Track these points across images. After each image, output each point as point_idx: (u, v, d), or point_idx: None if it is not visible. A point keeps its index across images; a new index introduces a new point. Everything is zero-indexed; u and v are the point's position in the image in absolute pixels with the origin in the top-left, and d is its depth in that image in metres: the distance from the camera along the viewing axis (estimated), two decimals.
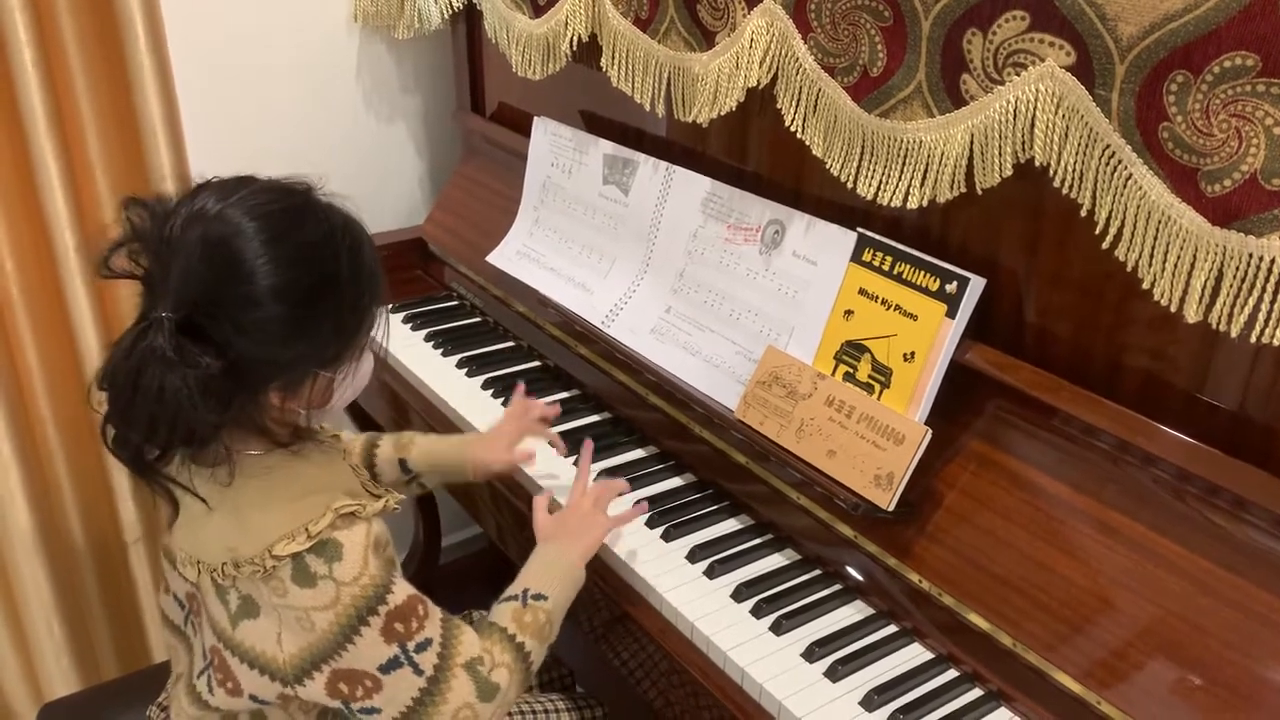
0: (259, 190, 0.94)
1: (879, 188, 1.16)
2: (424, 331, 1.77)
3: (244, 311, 0.90)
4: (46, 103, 1.51)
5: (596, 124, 1.68)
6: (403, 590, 0.99)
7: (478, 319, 1.83)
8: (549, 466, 1.41)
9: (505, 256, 1.74)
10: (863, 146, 1.17)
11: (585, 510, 1.21)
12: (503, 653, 1.04)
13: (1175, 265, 0.92)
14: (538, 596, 1.10)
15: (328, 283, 0.94)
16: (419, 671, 0.98)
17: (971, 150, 1.05)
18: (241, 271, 0.90)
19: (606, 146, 1.60)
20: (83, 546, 1.79)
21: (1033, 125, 0.99)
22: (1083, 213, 0.98)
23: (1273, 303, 0.86)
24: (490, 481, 1.43)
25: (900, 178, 1.13)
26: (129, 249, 0.93)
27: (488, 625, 1.07)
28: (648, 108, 1.44)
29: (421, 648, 0.98)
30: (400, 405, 1.67)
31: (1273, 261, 0.85)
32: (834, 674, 1.09)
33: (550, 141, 1.70)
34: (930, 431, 1.12)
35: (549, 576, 1.13)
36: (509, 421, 1.38)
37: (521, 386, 1.46)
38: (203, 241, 0.90)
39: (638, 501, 1.29)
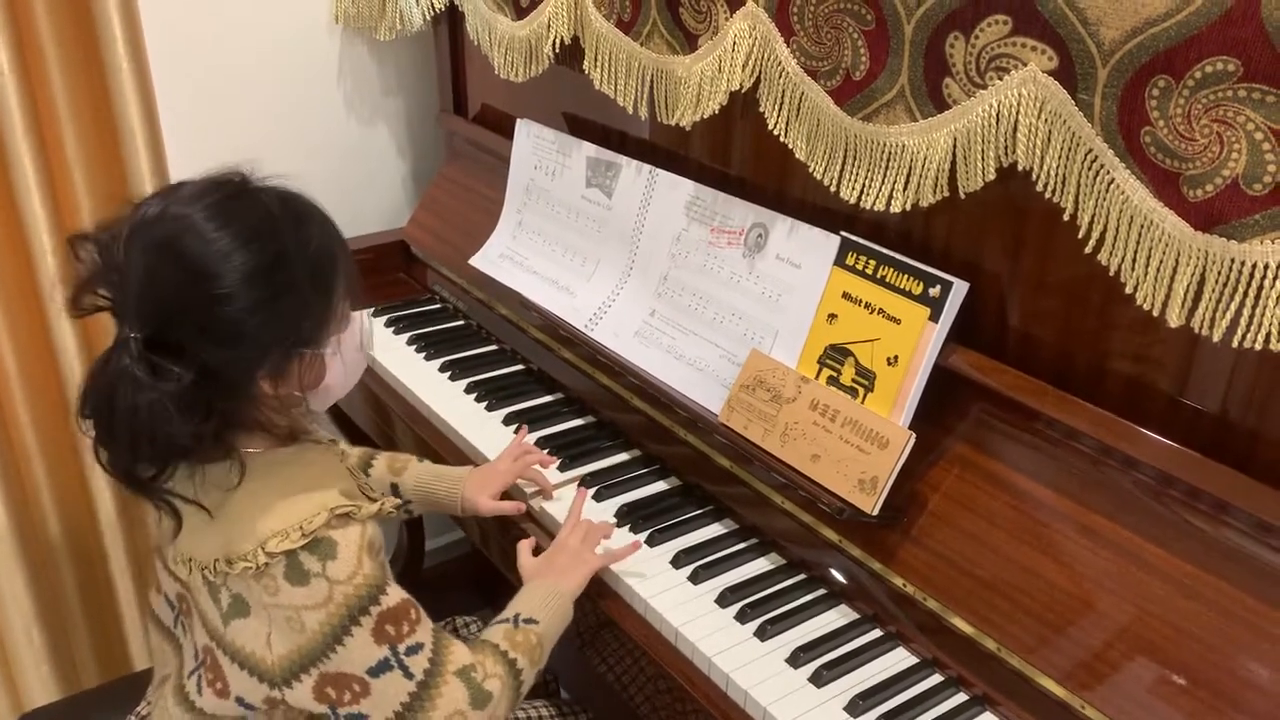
0: (192, 188, 0.96)
1: (862, 191, 1.16)
2: (406, 335, 1.76)
3: (206, 310, 0.90)
4: (23, 103, 1.50)
5: (579, 126, 1.68)
6: (396, 594, 0.99)
7: (460, 322, 1.82)
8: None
9: (488, 259, 1.73)
10: (846, 150, 1.17)
11: (573, 548, 1.20)
12: (495, 664, 1.05)
13: (1158, 270, 0.92)
14: (529, 620, 1.11)
15: (280, 258, 0.94)
16: (409, 675, 0.98)
17: (954, 154, 1.05)
18: (194, 270, 0.90)
19: (589, 149, 1.59)
20: (63, 554, 1.77)
21: (1015, 129, 0.99)
22: (1065, 217, 0.98)
23: (1254, 307, 0.86)
24: None
25: (883, 181, 1.13)
26: (88, 284, 0.94)
27: (479, 641, 1.08)
28: (630, 110, 1.44)
29: (412, 651, 0.98)
30: (383, 409, 1.65)
31: (1254, 266, 0.85)
32: (819, 679, 1.09)
33: (533, 144, 1.69)
34: (914, 435, 1.12)
35: (540, 604, 1.13)
36: (504, 461, 1.37)
37: (524, 430, 1.45)
38: (149, 251, 0.91)
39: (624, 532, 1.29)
